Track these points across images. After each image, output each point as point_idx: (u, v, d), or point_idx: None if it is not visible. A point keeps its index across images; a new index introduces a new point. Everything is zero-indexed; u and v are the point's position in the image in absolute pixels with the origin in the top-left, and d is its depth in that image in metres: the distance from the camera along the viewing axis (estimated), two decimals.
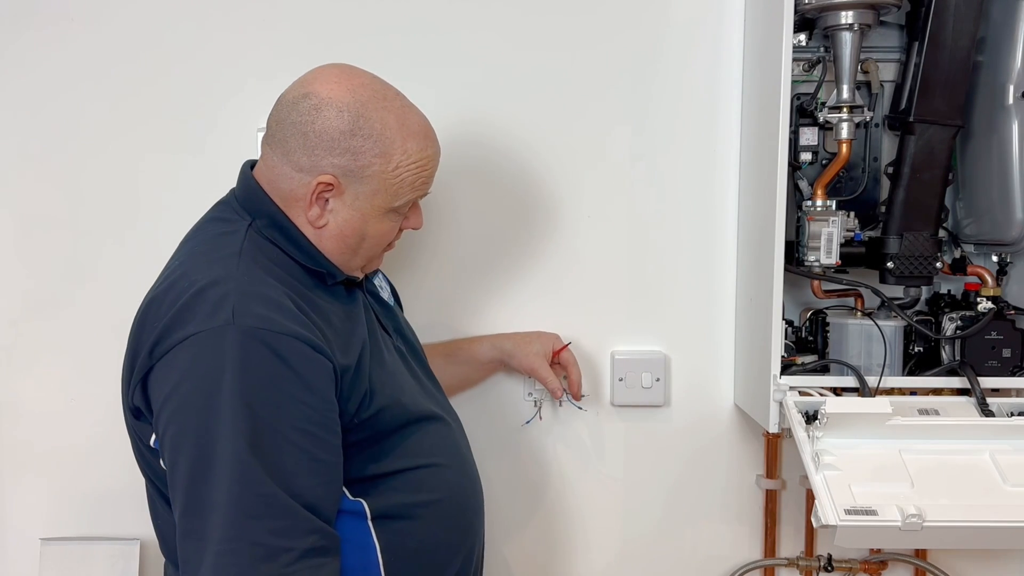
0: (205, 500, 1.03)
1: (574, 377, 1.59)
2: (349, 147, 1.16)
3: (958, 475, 1.33)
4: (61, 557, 1.64)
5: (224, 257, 1.13)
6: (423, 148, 1.21)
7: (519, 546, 1.73)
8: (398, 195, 1.20)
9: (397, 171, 1.19)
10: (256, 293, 1.09)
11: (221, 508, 1.02)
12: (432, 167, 1.24)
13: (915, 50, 1.48)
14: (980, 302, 1.51)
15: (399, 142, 1.18)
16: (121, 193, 1.64)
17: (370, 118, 1.17)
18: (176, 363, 1.06)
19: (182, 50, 1.62)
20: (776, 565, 1.71)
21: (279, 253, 1.18)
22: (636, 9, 1.64)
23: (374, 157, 1.17)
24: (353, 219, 1.20)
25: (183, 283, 1.10)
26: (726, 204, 1.66)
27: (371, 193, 1.19)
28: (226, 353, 1.04)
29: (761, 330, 1.49)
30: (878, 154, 1.58)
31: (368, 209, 1.20)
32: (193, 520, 1.04)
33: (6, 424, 1.68)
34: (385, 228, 1.23)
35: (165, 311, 1.09)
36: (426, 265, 1.67)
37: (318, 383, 1.09)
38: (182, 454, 1.05)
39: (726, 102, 1.64)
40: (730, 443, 1.71)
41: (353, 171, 1.17)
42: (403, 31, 1.63)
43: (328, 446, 1.10)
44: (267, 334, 1.05)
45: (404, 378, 1.28)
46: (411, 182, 1.20)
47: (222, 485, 1.02)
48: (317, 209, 1.19)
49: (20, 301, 1.66)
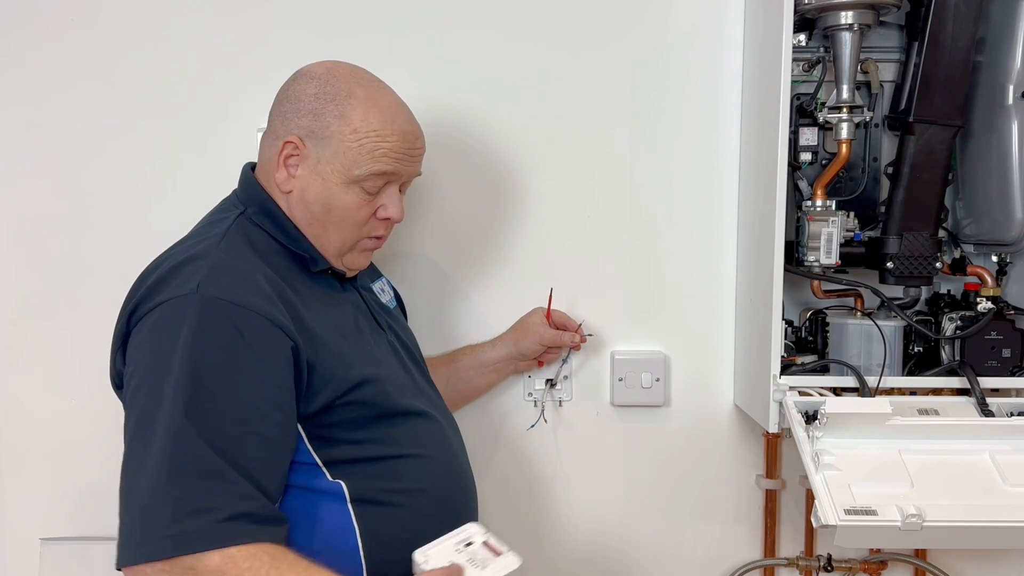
0: (141, 456, 1.06)
1: (572, 326, 1.60)
2: (313, 108, 1.22)
3: (958, 475, 1.33)
4: (61, 557, 1.64)
5: (208, 237, 1.19)
6: (387, 121, 1.22)
7: (518, 546, 1.72)
8: (356, 163, 1.21)
9: (355, 136, 1.21)
10: (228, 267, 1.13)
11: (153, 463, 1.04)
12: (397, 144, 1.23)
13: (915, 50, 1.48)
14: (980, 302, 1.52)
15: (361, 110, 1.21)
16: (121, 193, 1.64)
17: (338, 85, 1.22)
18: (143, 328, 1.11)
19: (182, 51, 1.62)
20: (776, 565, 1.71)
21: (266, 237, 1.23)
22: (636, 10, 1.64)
23: (333, 118, 1.21)
24: (315, 184, 1.22)
25: (166, 260, 1.17)
26: (726, 204, 1.66)
27: (331, 157, 1.21)
28: (185, 320, 1.08)
29: (761, 330, 1.49)
30: (878, 154, 1.58)
31: (329, 175, 1.22)
32: (129, 477, 1.07)
33: (6, 424, 1.68)
34: (349, 201, 1.23)
35: (145, 283, 1.15)
36: (425, 265, 1.67)
37: (271, 359, 1.11)
38: (132, 411, 1.10)
39: (726, 102, 1.65)
40: (730, 443, 1.71)
41: (315, 132, 1.21)
42: (406, 31, 1.63)
43: (272, 421, 1.11)
44: (227, 305, 1.09)
45: (393, 369, 1.28)
46: (370, 150, 1.21)
47: (156, 442, 1.05)
48: (283, 172, 1.23)
49: (20, 301, 1.66)
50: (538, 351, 1.60)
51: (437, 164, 1.64)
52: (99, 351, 1.61)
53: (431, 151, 1.63)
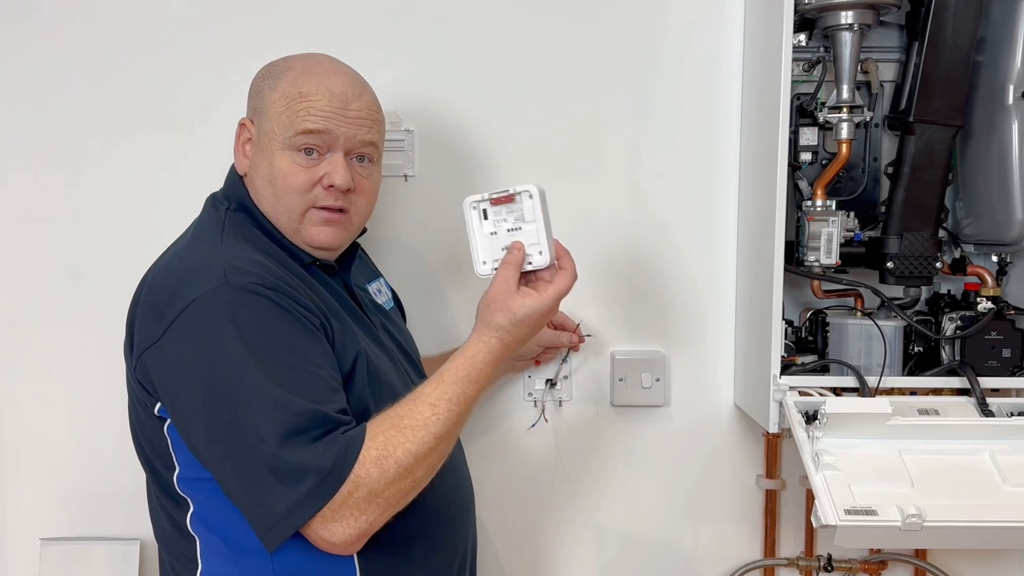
0: (244, 433, 1.06)
1: (571, 326, 1.61)
2: (257, 88, 1.27)
3: (958, 475, 1.33)
4: (61, 557, 1.64)
5: (209, 237, 1.21)
6: (317, 83, 1.22)
7: (518, 546, 1.73)
8: (286, 125, 1.22)
9: (284, 100, 1.22)
10: (244, 258, 1.15)
11: (264, 432, 1.05)
12: (323, 103, 1.22)
13: (915, 50, 1.48)
14: (980, 302, 1.52)
15: (292, 77, 1.23)
16: (121, 193, 1.64)
17: (280, 64, 1.26)
18: (183, 328, 1.10)
19: (183, 51, 1.62)
20: (776, 565, 1.71)
21: (253, 232, 1.24)
22: (636, 10, 1.64)
23: (268, 91, 1.24)
24: (262, 160, 1.24)
25: (175, 261, 1.18)
26: (726, 204, 1.66)
27: (268, 127, 1.23)
28: (226, 308, 1.09)
29: (761, 330, 1.49)
30: (878, 154, 1.58)
31: (267, 144, 1.23)
32: (243, 459, 1.07)
33: (6, 424, 1.68)
34: (285, 166, 1.22)
35: (164, 285, 1.14)
36: (423, 265, 1.67)
37: (313, 328, 1.14)
38: (207, 405, 1.09)
39: (726, 102, 1.65)
40: (730, 443, 1.71)
41: (258, 109, 1.25)
42: (408, 30, 1.63)
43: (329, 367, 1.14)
44: (260, 287, 1.11)
45: (383, 362, 1.27)
46: (295, 111, 1.21)
47: (252, 412, 1.06)
48: (241, 157, 1.27)
49: (20, 301, 1.66)
50: (536, 351, 1.60)
51: (437, 164, 1.65)
52: (99, 351, 1.63)
53: (430, 151, 1.65)
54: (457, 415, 1.14)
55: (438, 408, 1.12)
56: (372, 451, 1.07)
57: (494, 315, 1.18)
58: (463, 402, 1.14)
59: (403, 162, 1.63)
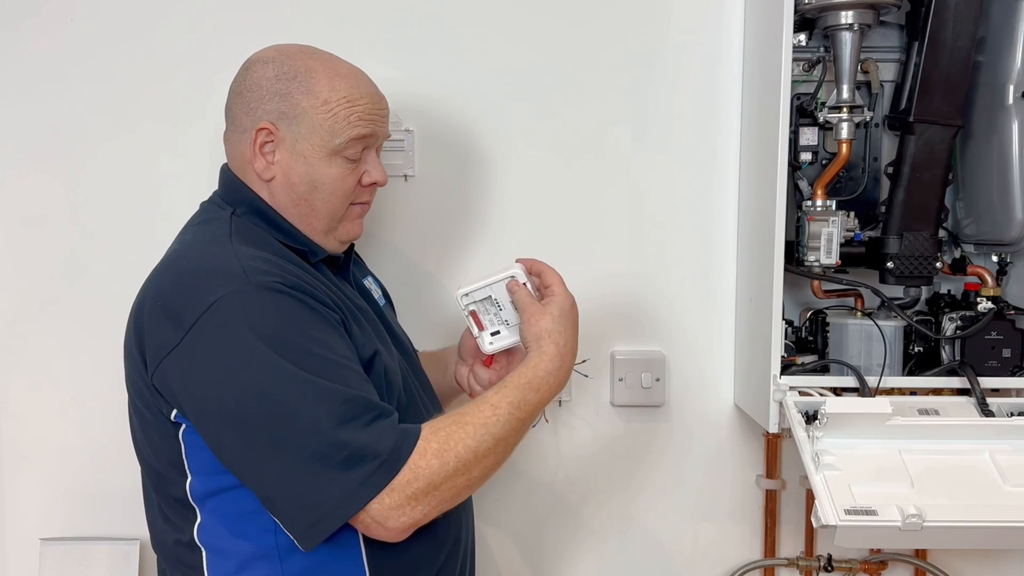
0: (287, 429, 1.05)
1: None
2: (278, 90, 1.21)
3: (958, 475, 1.33)
4: (61, 557, 1.64)
5: (217, 241, 1.18)
6: (352, 86, 1.23)
7: (518, 546, 1.73)
8: (335, 132, 1.21)
9: (327, 106, 1.20)
10: (259, 257, 1.14)
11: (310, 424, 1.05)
12: (368, 106, 1.23)
13: (915, 50, 1.48)
14: (980, 302, 1.52)
15: (325, 80, 1.21)
16: (121, 193, 1.64)
17: (294, 64, 1.22)
18: (206, 331, 1.08)
19: (183, 51, 1.62)
20: (776, 565, 1.71)
21: (262, 234, 1.22)
22: (637, 10, 1.64)
23: (302, 95, 1.20)
24: (298, 165, 1.22)
25: (182, 264, 1.16)
26: (726, 204, 1.66)
27: (308, 133, 1.21)
28: (250, 308, 1.08)
29: (761, 330, 1.49)
30: (878, 154, 1.58)
31: (310, 152, 1.21)
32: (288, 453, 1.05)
33: (6, 424, 1.68)
34: (335, 173, 1.22)
35: (176, 289, 1.12)
36: (422, 263, 1.67)
37: (335, 325, 1.14)
38: (237, 409, 1.07)
39: (726, 102, 1.65)
40: (730, 443, 1.71)
41: (286, 113, 1.21)
42: (409, 28, 1.63)
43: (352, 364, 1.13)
44: (283, 286, 1.11)
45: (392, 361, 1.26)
46: (345, 117, 1.21)
47: (293, 407, 1.05)
48: (262, 161, 1.22)
49: (20, 301, 1.66)
50: None
51: (437, 164, 1.65)
52: (98, 351, 1.63)
53: (429, 150, 1.65)
54: (518, 420, 1.16)
55: (499, 410, 1.14)
56: (433, 444, 1.09)
57: (537, 326, 1.21)
58: (524, 408, 1.16)
59: (403, 162, 1.63)
